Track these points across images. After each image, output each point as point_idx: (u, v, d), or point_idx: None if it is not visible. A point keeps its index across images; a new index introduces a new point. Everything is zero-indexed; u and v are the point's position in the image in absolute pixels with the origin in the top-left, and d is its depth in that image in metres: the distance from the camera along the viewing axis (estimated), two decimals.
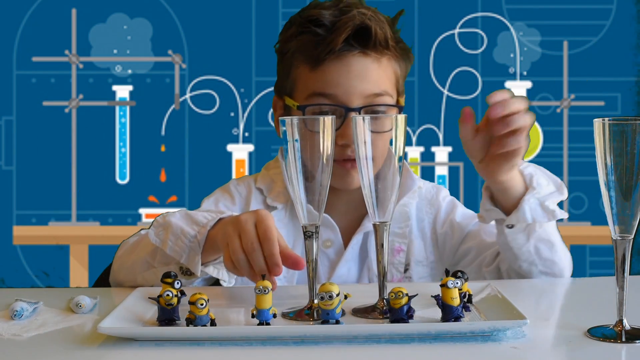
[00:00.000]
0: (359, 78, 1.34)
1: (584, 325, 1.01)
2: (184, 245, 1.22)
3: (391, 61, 1.38)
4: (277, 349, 0.93)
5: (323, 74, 1.35)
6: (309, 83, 1.36)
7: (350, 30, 1.33)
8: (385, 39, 1.36)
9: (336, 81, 1.34)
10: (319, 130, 1.04)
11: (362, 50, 1.35)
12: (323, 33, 1.35)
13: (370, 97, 1.34)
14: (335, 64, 1.34)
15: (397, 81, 1.40)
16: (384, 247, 1.05)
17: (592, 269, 2.96)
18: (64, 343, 0.98)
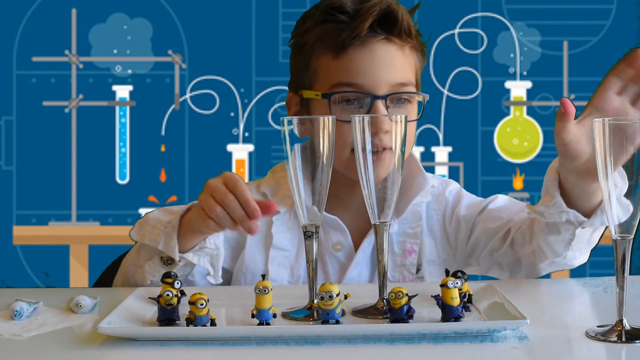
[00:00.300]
0: (384, 66, 1.32)
1: (584, 325, 1.01)
2: (159, 232, 1.26)
3: (413, 52, 1.37)
4: (277, 349, 0.93)
5: (347, 61, 1.32)
6: (332, 72, 1.34)
7: (377, 14, 1.32)
8: (409, 27, 1.35)
9: (362, 69, 1.32)
10: (320, 130, 1.04)
11: (387, 37, 1.33)
12: (347, 20, 1.33)
13: (396, 86, 1.32)
14: (360, 50, 1.32)
15: (417, 73, 1.39)
16: (383, 247, 1.05)
17: (592, 269, 2.96)
18: (64, 343, 0.98)
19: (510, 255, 1.36)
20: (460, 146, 2.98)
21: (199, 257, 1.27)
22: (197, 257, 1.27)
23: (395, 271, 1.38)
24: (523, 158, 2.99)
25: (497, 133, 2.99)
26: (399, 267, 1.38)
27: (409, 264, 1.38)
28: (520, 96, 2.98)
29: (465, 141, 2.98)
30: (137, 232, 1.29)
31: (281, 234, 1.37)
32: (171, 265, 1.26)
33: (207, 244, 1.27)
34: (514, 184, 2.98)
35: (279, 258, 1.36)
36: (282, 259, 1.36)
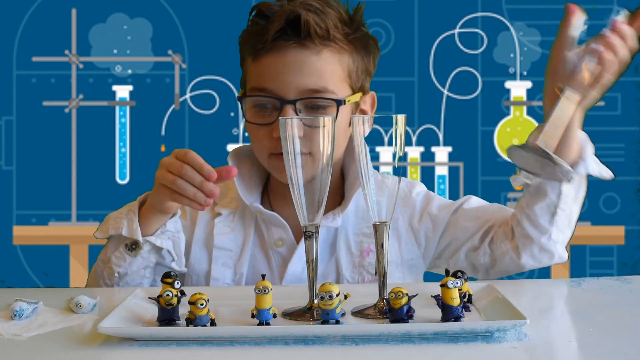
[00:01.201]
0: (294, 70, 1.32)
1: (584, 325, 1.01)
2: (120, 219, 1.32)
3: (337, 54, 1.35)
4: (277, 349, 0.93)
5: (261, 66, 1.35)
6: (250, 76, 1.38)
7: (283, 20, 1.32)
8: (326, 30, 1.33)
9: (272, 73, 1.33)
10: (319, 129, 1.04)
11: (299, 41, 1.33)
12: (263, 24, 1.35)
13: (307, 92, 1.32)
14: (271, 55, 1.34)
15: (349, 76, 1.37)
16: (383, 247, 1.05)
17: (592, 269, 2.96)
18: (64, 343, 0.98)
19: (488, 255, 1.37)
20: (460, 146, 2.98)
21: (162, 240, 1.32)
22: (160, 240, 1.32)
23: (354, 272, 1.39)
24: None
25: (497, 133, 2.98)
26: (358, 267, 1.39)
27: (367, 264, 1.39)
28: (520, 96, 2.98)
29: (465, 141, 2.98)
30: (101, 230, 1.35)
31: (224, 235, 1.42)
32: (136, 251, 1.31)
33: (167, 228, 1.33)
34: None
35: (222, 258, 1.40)
36: (225, 258, 1.40)
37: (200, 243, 1.42)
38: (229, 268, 1.40)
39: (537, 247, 1.33)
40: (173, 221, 1.34)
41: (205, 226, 1.43)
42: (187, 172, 1.23)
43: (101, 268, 1.36)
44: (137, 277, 1.34)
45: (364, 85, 1.41)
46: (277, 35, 1.33)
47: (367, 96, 1.44)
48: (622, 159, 2.95)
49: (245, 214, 1.43)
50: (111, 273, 1.34)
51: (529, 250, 1.33)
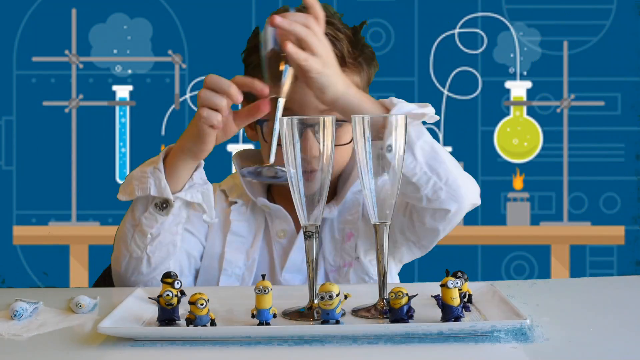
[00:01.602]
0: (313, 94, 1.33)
1: (584, 325, 1.01)
2: (147, 179, 1.31)
3: (349, 76, 1.37)
4: (277, 349, 0.93)
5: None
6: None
7: None
8: (342, 58, 1.37)
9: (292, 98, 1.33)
10: (319, 130, 1.05)
11: None
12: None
13: (325, 112, 1.35)
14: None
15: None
16: (383, 247, 1.05)
17: (592, 269, 2.96)
18: (64, 343, 0.98)
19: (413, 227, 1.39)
20: (460, 146, 2.98)
21: (192, 194, 1.32)
22: (190, 194, 1.32)
23: (336, 256, 1.44)
24: (523, 158, 2.99)
25: (497, 133, 2.99)
26: (340, 251, 1.44)
27: (348, 248, 1.44)
28: (520, 96, 2.98)
29: (465, 141, 2.98)
30: (124, 191, 1.34)
31: (238, 222, 1.47)
32: (167, 209, 1.31)
33: (195, 180, 1.33)
34: (514, 184, 2.98)
35: (235, 242, 1.45)
36: (239, 243, 1.45)
37: (216, 226, 1.46)
38: (241, 253, 1.44)
39: (425, 210, 1.33)
40: (199, 172, 1.35)
41: (221, 211, 1.47)
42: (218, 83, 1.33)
43: (131, 232, 1.34)
44: (170, 234, 1.34)
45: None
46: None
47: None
48: (622, 159, 2.95)
49: (256, 208, 1.48)
50: (143, 235, 1.33)
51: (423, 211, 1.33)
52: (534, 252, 2.97)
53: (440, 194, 1.30)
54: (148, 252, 1.33)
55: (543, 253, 2.96)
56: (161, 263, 1.35)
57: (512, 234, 2.95)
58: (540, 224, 2.97)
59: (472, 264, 2.95)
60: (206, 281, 1.44)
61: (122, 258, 1.36)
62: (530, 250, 2.97)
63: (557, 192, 2.98)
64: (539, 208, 2.98)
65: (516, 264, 2.98)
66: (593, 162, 2.96)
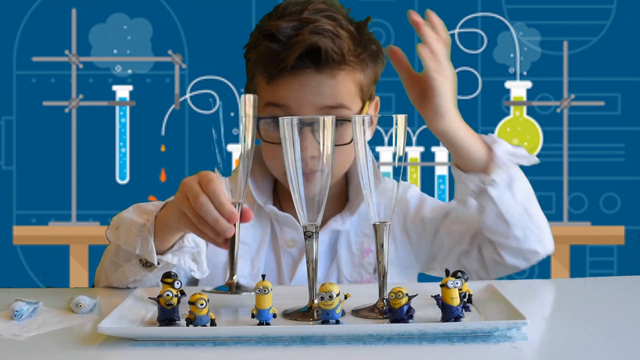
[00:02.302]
0: (312, 93, 1.34)
1: (584, 325, 1.01)
2: (134, 236, 1.24)
3: (351, 73, 1.37)
4: (277, 349, 0.93)
5: (277, 88, 1.36)
6: (264, 94, 1.37)
7: (303, 49, 1.33)
8: (342, 55, 1.35)
9: (288, 93, 1.34)
10: (318, 130, 1.04)
11: (316, 68, 1.34)
12: (278, 49, 1.35)
13: (324, 110, 1.34)
14: (288, 79, 1.35)
15: (361, 90, 1.39)
16: (383, 247, 1.05)
17: (592, 269, 2.96)
18: (64, 343, 0.98)
19: (477, 259, 1.39)
20: None
21: (179, 257, 1.26)
22: (177, 258, 1.26)
23: (353, 271, 1.41)
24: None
25: (497, 133, 2.98)
26: (357, 267, 1.41)
27: (366, 264, 1.41)
28: (520, 96, 2.98)
29: None
30: (112, 233, 1.29)
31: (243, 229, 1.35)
32: (150, 268, 1.26)
33: (185, 243, 1.26)
34: None
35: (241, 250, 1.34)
36: (243, 252, 1.38)
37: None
38: (246, 261, 1.40)
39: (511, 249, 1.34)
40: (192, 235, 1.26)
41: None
42: (202, 207, 1.12)
43: (112, 269, 1.30)
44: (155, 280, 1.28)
45: (372, 94, 1.44)
46: (294, 63, 1.34)
47: (372, 103, 1.46)
48: (622, 159, 2.95)
49: (261, 212, 1.44)
50: (124, 279, 1.29)
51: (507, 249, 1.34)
52: None
53: (530, 236, 1.33)
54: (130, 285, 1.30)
55: None
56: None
57: None
58: None
59: None
60: None
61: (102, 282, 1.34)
62: None
63: (557, 192, 2.98)
64: None
65: None
66: (593, 162, 2.96)
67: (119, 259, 1.30)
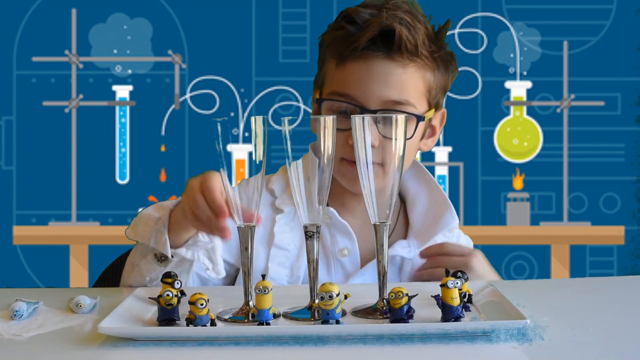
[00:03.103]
0: (379, 81, 1.31)
1: (584, 325, 1.01)
2: (150, 229, 1.24)
3: (421, 70, 1.34)
4: (277, 349, 0.93)
5: (345, 72, 1.33)
6: (332, 79, 1.35)
7: (376, 30, 1.31)
8: (415, 45, 1.32)
9: (356, 81, 1.31)
10: (319, 130, 1.05)
11: (387, 53, 1.32)
12: (353, 31, 1.33)
13: (389, 104, 1.31)
14: (358, 63, 1.32)
15: (429, 91, 1.36)
16: (383, 247, 1.05)
17: (592, 269, 2.96)
18: (64, 343, 0.98)
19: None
20: (460, 146, 2.98)
21: (193, 252, 1.24)
22: (191, 252, 1.24)
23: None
24: (523, 158, 2.99)
25: (497, 133, 2.99)
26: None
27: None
28: (520, 96, 2.98)
29: (465, 141, 2.98)
30: (132, 231, 1.28)
31: (283, 234, 1.36)
32: (165, 262, 1.25)
33: (199, 238, 1.25)
34: (514, 184, 2.98)
35: (279, 257, 1.35)
36: (283, 258, 1.35)
37: (260, 239, 1.35)
38: (285, 268, 1.35)
39: None
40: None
41: (266, 221, 1.36)
42: (196, 205, 1.15)
43: (129, 269, 1.30)
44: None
45: (439, 102, 1.40)
46: (366, 45, 1.31)
47: (439, 112, 1.42)
48: (622, 159, 2.95)
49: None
50: (141, 278, 1.28)
51: None
52: (534, 252, 2.97)
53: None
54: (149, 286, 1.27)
55: (543, 253, 2.96)
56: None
57: (512, 234, 2.95)
58: (540, 224, 2.97)
59: None
60: None
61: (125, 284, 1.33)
62: (530, 250, 2.97)
63: (557, 192, 2.98)
64: (539, 208, 2.98)
65: (516, 264, 2.98)
66: (593, 162, 2.96)
67: (136, 259, 1.29)
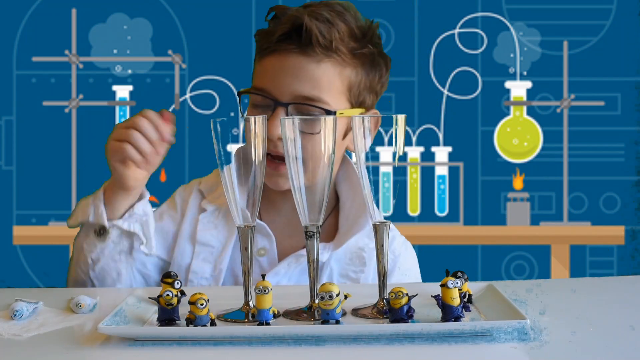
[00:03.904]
0: (292, 75, 1.32)
1: (584, 325, 1.01)
2: (87, 206, 1.34)
3: (339, 66, 1.34)
4: (277, 349, 0.93)
5: (263, 66, 1.36)
6: (254, 74, 1.39)
7: (289, 25, 1.33)
8: (329, 41, 1.32)
9: (271, 75, 1.34)
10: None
11: (300, 48, 1.33)
12: (272, 25, 1.37)
13: (300, 98, 1.32)
14: (273, 57, 1.35)
15: (349, 90, 1.36)
16: (383, 247, 1.05)
17: (592, 269, 2.96)
18: (64, 343, 0.98)
19: None
20: (460, 146, 2.98)
21: (129, 223, 1.33)
22: (127, 223, 1.33)
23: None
24: (523, 158, 2.99)
25: (497, 133, 2.99)
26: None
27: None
28: (520, 96, 2.98)
29: (465, 141, 2.98)
30: (71, 218, 1.36)
31: (207, 231, 1.41)
32: (104, 236, 1.33)
33: (135, 210, 1.34)
34: (514, 184, 2.98)
35: (203, 253, 1.40)
36: (207, 254, 1.40)
37: (186, 236, 1.42)
38: (209, 263, 1.39)
39: None
40: (142, 204, 1.35)
41: (192, 220, 1.43)
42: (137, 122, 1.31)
43: (76, 256, 1.36)
44: (112, 262, 1.35)
45: (364, 101, 1.39)
46: (281, 38, 1.33)
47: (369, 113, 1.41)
48: (622, 159, 2.95)
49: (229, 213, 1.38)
50: (85, 260, 1.34)
51: None
52: (534, 252, 2.97)
53: None
54: (92, 278, 1.35)
55: (543, 253, 2.96)
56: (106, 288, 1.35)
57: (512, 234, 2.95)
58: (540, 224, 2.97)
59: (472, 264, 2.95)
60: None
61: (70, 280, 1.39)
62: (530, 250, 2.97)
63: (557, 192, 2.98)
64: (539, 208, 2.98)
65: (516, 264, 2.98)
66: (593, 162, 2.96)
67: (80, 242, 1.36)
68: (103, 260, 1.34)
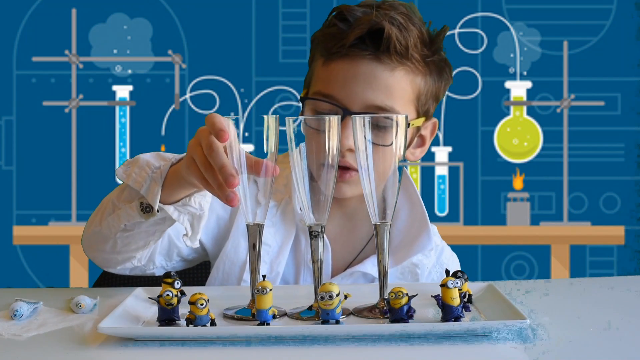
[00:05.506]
0: (364, 83, 1.26)
1: (584, 325, 1.01)
2: (146, 175, 1.17)
3: (411, 74, 1.28)
4: (277, 349, 0.93)
5: (331, 70, 1.28)
6: (318, 78, 1.31)
7: (365, 28, 1.26)
8: (405, 47, 1.26)
9: (341, 81, 1.26)
10: (324, 129, 1.04)
11: (374, 54, 1.26)
12: (343, 28, 1.27)
13: (372, 108, 1.26)
14: (344, 62, 1.27)
15: (418, 98, 1.30)
16: (384, 247, 1.05)
17: (592, 269, 2.96)
18: (64, 343, 0.98)
19: None
20: (460, 146, 2.98)
21: (180, 214, 1.18)
22: (178, 213, 1.18)
23: None
24: (523, 158, 2.99)
25: (497, 133, 2.99)
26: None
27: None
28: (520, 96, 2.98)
29: (465, 141, 2.98)
30: (124, 171, 1.21)
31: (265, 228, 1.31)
32: (148, 214, 1.19)
33: (191, 202, 1.19)
34: (514, 184, 2.98)
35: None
36: (263, 252, 1.31)
37: (242, 231, 1.33)
38: (265, 263, 1.31)
39: None
40: (200, 196, 1.19)
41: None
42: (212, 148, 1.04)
43: (110, 210, 1.24)
44: (145, 235, 1.24)
45: (429, 110, 1.34)
46: (354, 43, 1.26)
47: (429, 122, 1.36)
48: (622, 159, 2.95)
49: (287, 210, 1.35)
50: (117, 222, 1.22)
51: None
52: (534, 252, 2.97)
53: None
54: (116, 238, 1.24)
55: (543, 253, 2.96)
56: (126, 252, 1.26)
57: (512, 234, 2.95)
58: (540, 224, 2.97)
59: (472, 264, 2.95)
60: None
61: (94, 226, 1.27)
62: (530, 250, 2.97)
63: (557, 192, 2.98)
64: (539, 208, 2.98)
65: (516, 264, 2.98)
66: (593, 162, 2.96)
67: (120, 201, 1.23)
68: (137, 231, 1.23)
